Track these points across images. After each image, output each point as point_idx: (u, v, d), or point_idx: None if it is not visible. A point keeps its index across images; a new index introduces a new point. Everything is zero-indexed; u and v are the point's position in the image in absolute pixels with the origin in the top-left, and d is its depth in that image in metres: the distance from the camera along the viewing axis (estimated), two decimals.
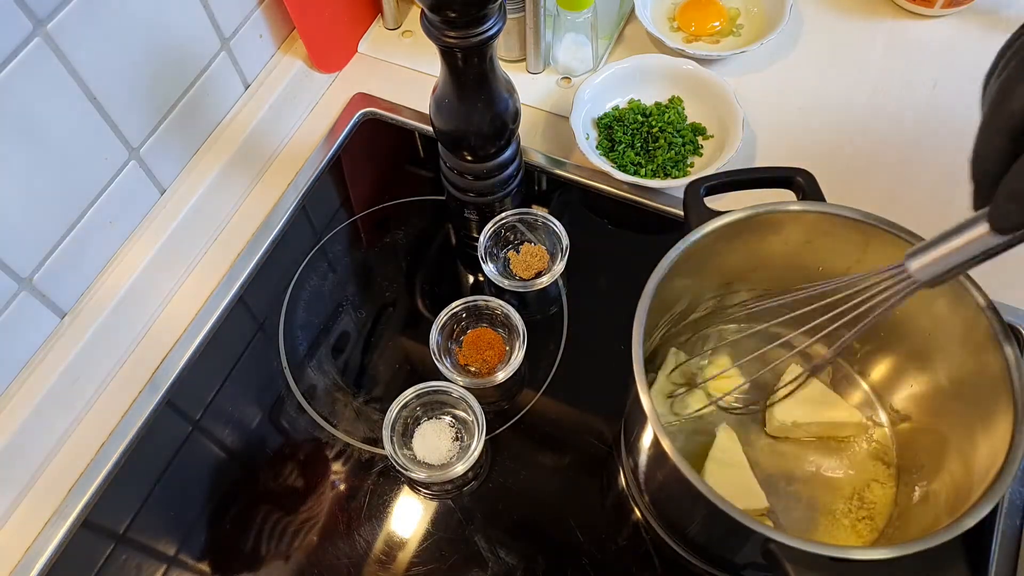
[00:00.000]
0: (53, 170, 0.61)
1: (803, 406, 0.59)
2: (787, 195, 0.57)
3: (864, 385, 0.62)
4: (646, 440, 0.51)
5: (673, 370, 0.62)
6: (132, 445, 0.64)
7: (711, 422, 0.60)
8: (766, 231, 0.55)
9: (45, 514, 0.62)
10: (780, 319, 0.55)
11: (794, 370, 0.60)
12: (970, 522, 0.42)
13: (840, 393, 0.61)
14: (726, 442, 0.58)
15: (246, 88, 0.81)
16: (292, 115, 0.82)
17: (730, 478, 0.57)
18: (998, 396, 0.47)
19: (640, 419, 0.49)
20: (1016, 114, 0.36)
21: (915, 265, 0.44)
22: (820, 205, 0.54)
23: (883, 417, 0.60)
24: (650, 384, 0.61)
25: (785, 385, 0.59)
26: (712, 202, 0.55)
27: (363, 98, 0.83)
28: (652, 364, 0.63)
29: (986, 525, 0.57)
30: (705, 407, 0.60)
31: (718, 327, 0.64)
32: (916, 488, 0.55)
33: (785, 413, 0.59)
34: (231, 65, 0.77)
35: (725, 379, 0.61)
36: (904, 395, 0.59)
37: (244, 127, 0.79)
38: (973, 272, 0.48)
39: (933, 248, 0.43)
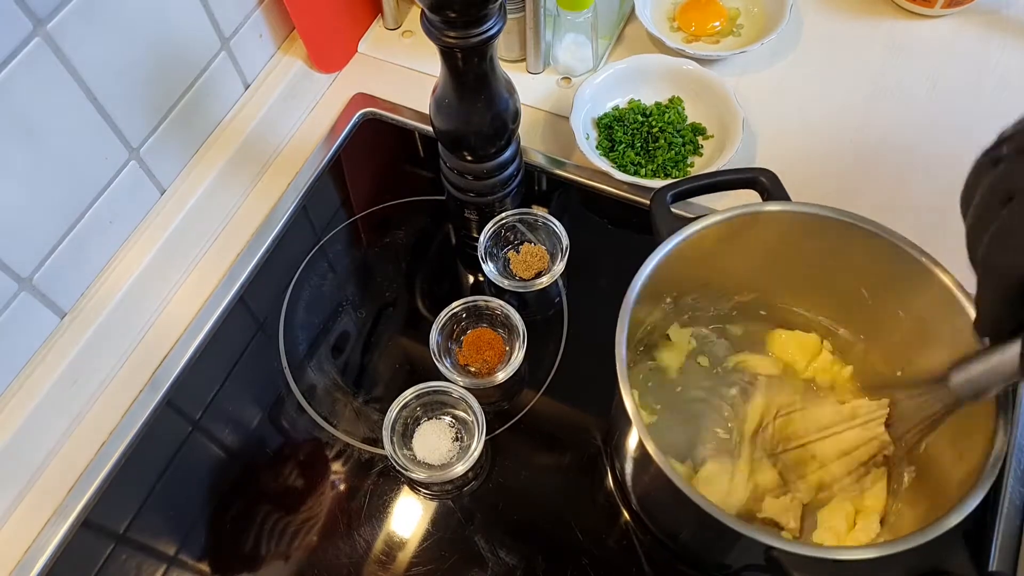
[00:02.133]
0: (53, 170, 0.61)
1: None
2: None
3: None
4: (631, 444, 0.52)
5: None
6: (132, 445, 0.64)
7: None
8: (742, 232, 0.56)
9: (45, 514, 0.62)
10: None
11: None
12: (956, 518, 0.42)
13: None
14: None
15: (246, 88, 0.81)
16: (292, 115, 0.82)
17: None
18: (980, 412, 0.47)
19: (624, 423, 0.49)
20: (1010, 275, 0.39)
21: (957, 380, 0.45)
22: (790, 205, 0.55)
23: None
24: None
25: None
26: (706, 200, 0.56)
27: (363, 98, 0.83)
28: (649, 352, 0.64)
29: (986, 525, 0.58)
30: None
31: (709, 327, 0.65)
32: (905, 474, 0.55)
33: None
34: (231, 65, 0.77)
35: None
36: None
37: (244, 127, 0.79)
38: (963, 278, 0.49)
39: (974, 364, 0.44)
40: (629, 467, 0.56)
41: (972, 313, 0.49)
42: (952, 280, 0.50)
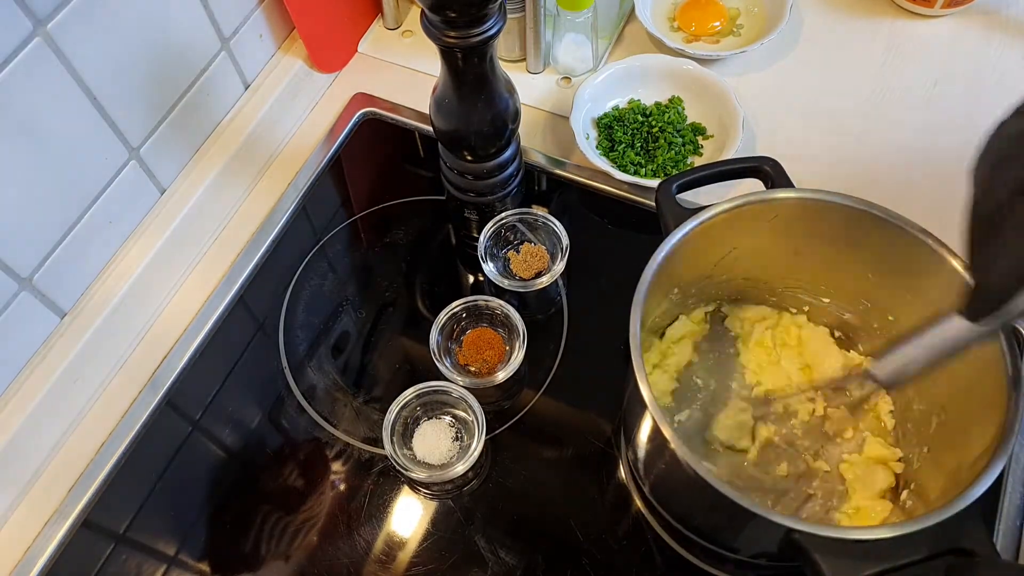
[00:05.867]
0: (53, 170, 0.61)
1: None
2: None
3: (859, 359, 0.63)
4: (645, 431, 0.52)
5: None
6: (132, 445, 0.64)
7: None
8: (749, 220, 0.56)
9: (45, 514, 0.62)
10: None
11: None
12: (973, 495, 0.43)
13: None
14: None
15: (246, 88, 0.81)
16: (292, 115, 0.82)
17: None
18: (991, 387, 0.48)
19: (639, 409, 0.49)
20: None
21: (879, 370, 0.48)
22: (798, 192, 0.55)
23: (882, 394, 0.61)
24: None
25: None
26: (708, 195, 0.56)
27: (363, 98, 0.83)
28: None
29: (986, 524, 0.57)
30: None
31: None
32: (916, 456, 0.56)
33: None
34: (231, 65, 0.77)
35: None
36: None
37: (244, 127, 0.79)
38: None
39: (897, 351, 0.47)
40: (643, 455, 0.56)
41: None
42: (961, 263, 0.51)
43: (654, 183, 0.72)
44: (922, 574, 0.43)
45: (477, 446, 0.60)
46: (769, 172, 0.57)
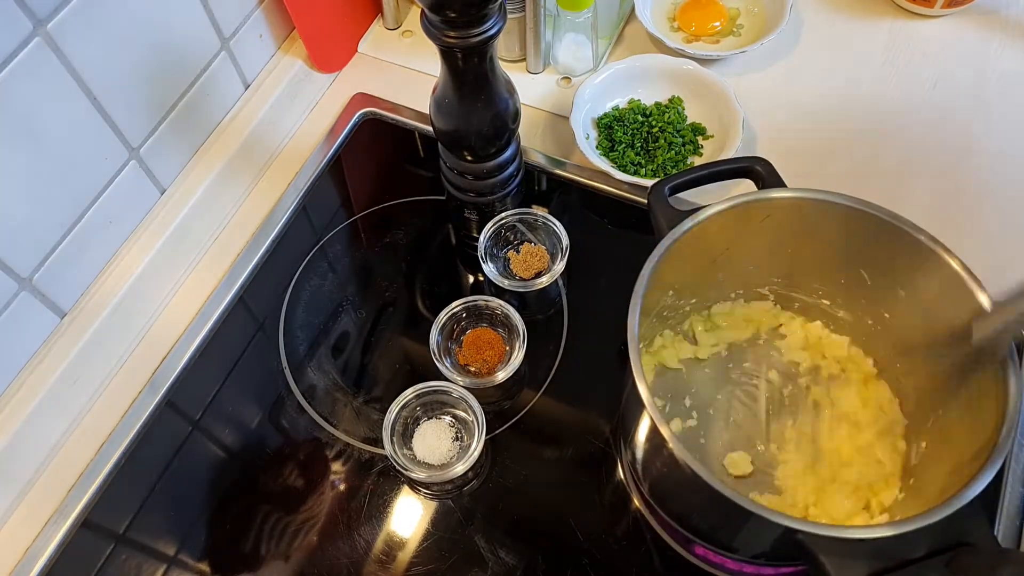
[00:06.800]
0: (53, 170, 0.61)
1: None
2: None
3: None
4: (643, 432, 0.52)
5: None
6: (132, 445, 0.64)
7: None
8: (742, 220, 0.56)
9: (45, 514, 0.62)
10: None
11: None
12: (974, 490, 0.43)
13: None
14: None
15: (246, 88, 0.81)
16: (292, 115, 0.82)
17: None
18: (987, 383, 0.48)
19: (637, 409, 0.49)
20: None
21: (978, 333, 0.46)
22: (791, 191, 0.55)
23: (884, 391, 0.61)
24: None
25: None
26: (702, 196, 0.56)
27: (363, 98, 0.83)
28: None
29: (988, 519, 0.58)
30: None
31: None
32: (914, 450, 0.56)
33: None
34: (231, 65, 0.77)
35: None
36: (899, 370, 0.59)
37: (244, 127, 0.79)
38: (976, 271, 0.50)
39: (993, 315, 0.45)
40: (640, 455, 0.56)
41: (975, 291, 0.49)
42: (955, 259, 0.51)
43: (654, 183, 0.72)
44: (925, 572, 0.43)
45: (477, 446, 0.60)
46: (761, 172, 0.57)
